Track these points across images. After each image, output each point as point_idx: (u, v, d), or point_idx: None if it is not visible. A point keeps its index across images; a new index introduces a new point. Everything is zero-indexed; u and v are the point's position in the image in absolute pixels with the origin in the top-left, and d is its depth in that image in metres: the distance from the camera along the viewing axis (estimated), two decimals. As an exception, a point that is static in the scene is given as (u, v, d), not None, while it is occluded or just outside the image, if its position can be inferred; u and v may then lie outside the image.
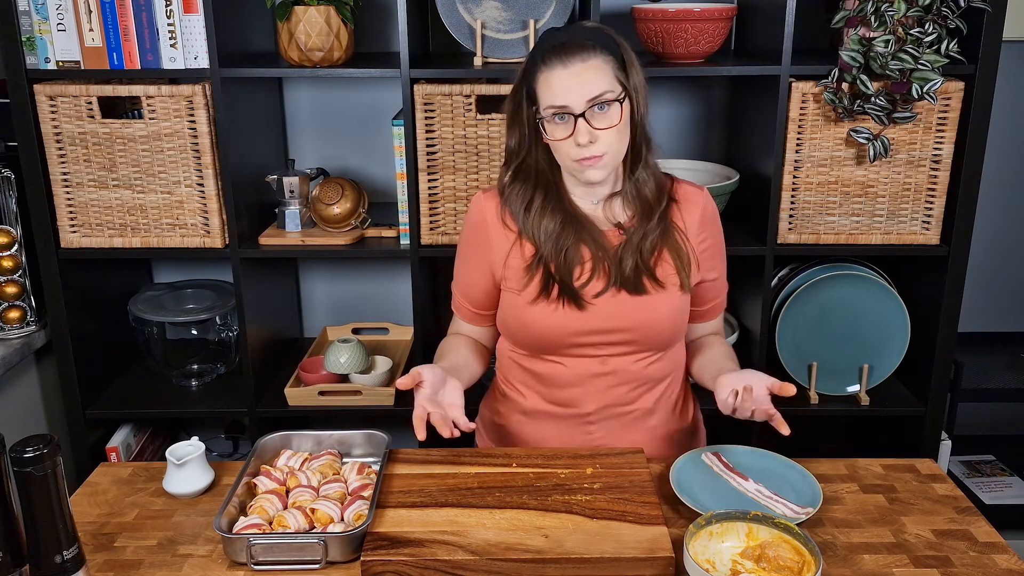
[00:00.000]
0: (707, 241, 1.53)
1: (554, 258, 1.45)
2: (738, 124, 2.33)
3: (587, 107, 1.36)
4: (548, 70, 1.38)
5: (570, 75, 1.36)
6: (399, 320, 2.54)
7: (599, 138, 1.37)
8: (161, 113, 1.97)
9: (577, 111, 1.36)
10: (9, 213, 2.08)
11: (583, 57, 1.36)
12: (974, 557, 1.25)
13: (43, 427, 2.22)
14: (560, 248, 1.45)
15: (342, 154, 2.42)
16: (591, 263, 1.45)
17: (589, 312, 1.45)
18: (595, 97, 1.36)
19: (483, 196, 1.54)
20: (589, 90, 1.36)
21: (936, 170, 1.99)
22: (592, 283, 1.45)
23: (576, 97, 1.36)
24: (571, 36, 1.39)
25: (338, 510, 1.28)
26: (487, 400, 1.69)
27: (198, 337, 2.26)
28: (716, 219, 1.56)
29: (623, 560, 1.17)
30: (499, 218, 1.51)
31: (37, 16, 1.92)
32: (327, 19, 1.95)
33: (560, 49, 1.37)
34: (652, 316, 1.47)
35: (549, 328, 1.47)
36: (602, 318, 1.46)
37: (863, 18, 1.85)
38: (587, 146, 1.37)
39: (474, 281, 1.56)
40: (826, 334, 2.13)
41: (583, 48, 1.37)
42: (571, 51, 1.37)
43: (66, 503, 1.01)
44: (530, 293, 1.47)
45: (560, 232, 1.45)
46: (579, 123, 1.36)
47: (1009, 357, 2.48)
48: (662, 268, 1.47)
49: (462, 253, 1.59)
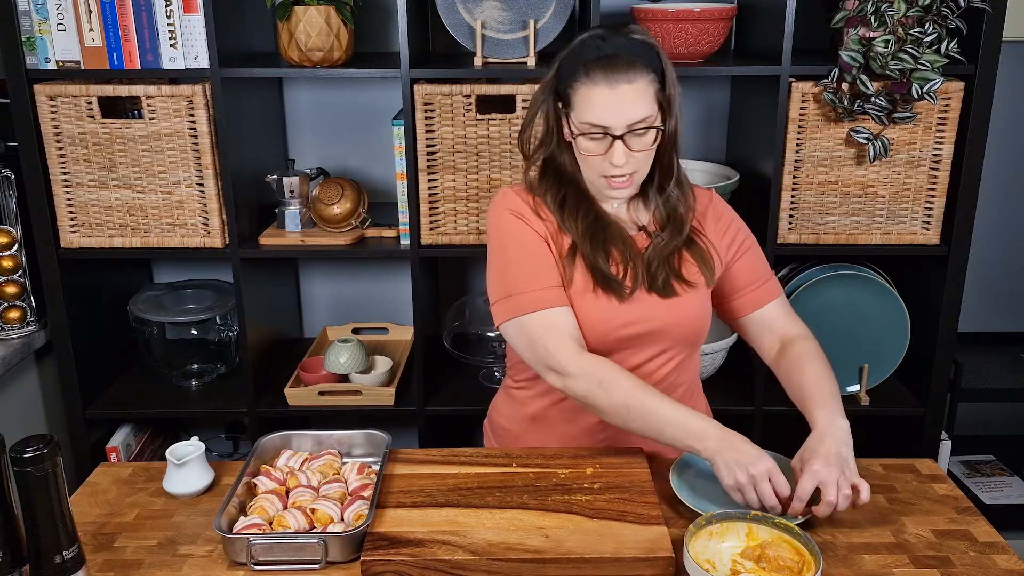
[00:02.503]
0: (728, 232, 1.54)
1: (590, 254, 1.43)
2: (738, 124, 2.33)
3: (626, 131, 1.34)
4: (592, 84, 1.33)
5: (615, 96, 1.32)
6: (399, 320, 2.54)
7: (632, 159, 1.36)
8: (161, 113, 1.97)
9: (617, 133, 1.34)
10: (9, 213, 2.08)
11: (629, 78, 1.32)
12: (974, 557, 1.25)
13: (43, 427, 2.22)
14: (596, 244, 1.42)
15: (342, 154, 2.42)
16: (622, 264, 1.44)
17: (630, 305, 1.43)
18: (636, 123, 1.34)
19: (511, 190, 1.49)
20: (632, 114, 1.33)
21: (936, 170, 1.99)
22: (625, 281, 1.44)
23: (618, 120, 1.33)
24: (618, 49, 1.34)
25: (338, 510, 1.28)
26: (496, 402, 1.69)
27: (198, 337, 2.26)
28: (726, 209, 1.57)
29: (623, 560, 1.17)
30: (533, 210, 1.46)
31: (37, 16, 1.92)
32: (327, 19, 1.95)
33: (607, 64, 1.33)
34: (684, 314, 1.47)
35: (595, 321, 1.43)
36: (640, 313, 1.44)
37: (863, 18, 1.85)
38: (621, 167, 1.36)
39: (545, 255, 1.42)
40: (826, 334, 2.11)
41: (630, 67, 1.33)
42: (618, 69, 1.32)
43: (66, 503, 1.01)
44: (578, 284, 1.42)
45: (594, 231, 1.44)
46: (616, 145, 1.34)
47: (1009, 357, 2.48)
48: (687, 268, 1.48)
49: (518, 240, 1.43)
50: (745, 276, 1.55)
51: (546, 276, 1.41)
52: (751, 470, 1.26)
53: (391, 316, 2.56)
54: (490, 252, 1.48)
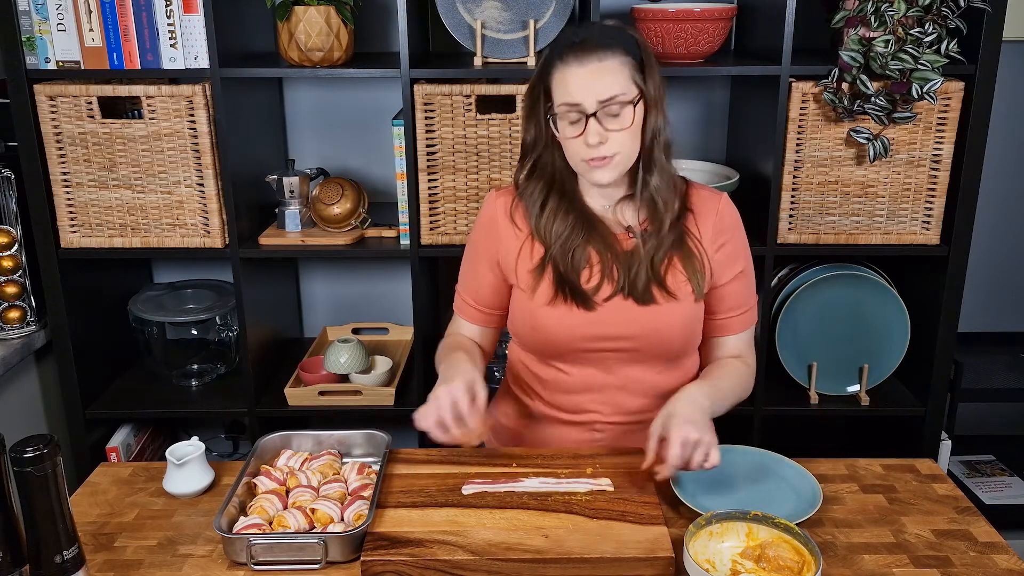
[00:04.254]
0: (725, 247, 1.48)
1: (562, 260, 1.43)
2: (738, 124, 2.33)
3: (599, 107, 1.34)
4: (564, 67, 1.36)
5: (585, 73, 1.34)
6: (399, 320, 2.54)
7: (609, 139, 1.36)
8: (161, 113, 1.97)
9: (589, 110, 1.34)
10: (9, 213, 2.08)
11: (600, 56, 1.34)
12: (974, 557, 1.25)
13: (43, 427, 2.22)
14: (568, 249, 1.43)
15: (342, 154, 2.42)
16: (599, 267, 1.44)
17: (598, 315, 1.43)
18: (608, 99, 1.34)
19: (496, 194, 1.53)
20: (603, 90, 1.34)
21: (936, 170, 1.99)
22: (601, 288, 1.44)
23: (589, 96, 1.34)
24: (590, 34, 1.37)
25: (338, 510, 1.28)
26: (496, 402, 1.69)
27: (198, 337, 2.26)
28: (735, 224, 1.51)
29: (623, 560, 1.17)
30: (509, 216, 1.49)
31: (37, 16, 1.92)
32: (327, 19, 1.95)
33: (578, 47, 1.35)
34: (660, 325, 1.44)
35: (557, 332, 1.45)
36: (610, 324, 1.44)
37: (863, 18, 1.85)
38: (597, 147, 1.35)
39: (483, 277, 1.54)
40: (826, 334, 2.13)
41: (601, 47, 1.35)
42: (589, 49, 1.34)
43: (66, 503, 1.01)
44: (541, 296, 1.45)
45: (570, 234, 1.44)
46: (590, 123, 1.35)
47: (1009, 357, 2.48)
48: (673, 276, 1.44)
49: (471, 251, 1.57)
50: (729, 302, 1.51)
51: (476, 290, 1.56)
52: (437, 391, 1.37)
53: (391, 316, 2.56)
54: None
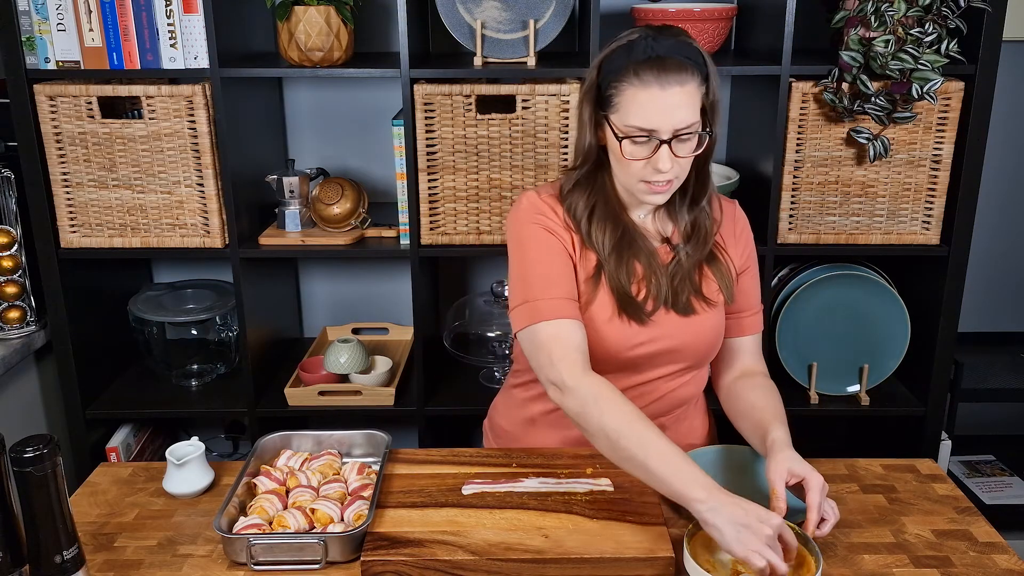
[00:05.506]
0: (743, 252, 1.52)
1: (616, 272, 1.40)
2: (738, 124, 2.33)
3: (672, 136, 1.29)
4: (641, 85, 1.28)
5: (666, 98, 1.27)
6: (399, 320, 2.54)
7: (676, 165, 1.32)
8: (161, 113, 1.97)
9: (664, 137, 1.29)
10: (9, 213, 2.08)
11: (681, 80, 1.27)
12: (974, 557, 1.25)
13: (43, 427, 2.22)
14: (620, 261, 1.40)
15: (342, 154, 2.42)
16: (644, 280, 1.42)
17: (648, 328, 1.41)
18: (684, 128, 1.29)
19: (537, 194, 1.45)
20: (682, 119, 1.28)
21: (936, 170, 1.99)
22: (647, 300, 1.42)
23: (666, 123, 1.28)
24: (671, 50, 1.28)
25: (338, 510, 1.28)
26: (496, 402, 1.69)
27: (198, 337, 2.26)
28: (748, 230, 1.55)
29: (623, 560, 1.17)
30: (560, 217, 1.43)
31: (37, 16, 1.92)
32: (327, 19, 1.95)
33: (658, 65, 1.27)
34: (701, 333, 1.45)
35: (617, 346, 1.41)
36: (660, 336, 1.43)
37: (863, 18, 1.85)
38: (665, 172, 1.31)
39: (567, 266, 1.41)
40: (826, 334, 2.13)
41: (682, 69, 1.27)
42: (670, 70, 1.27)
43: (66, 503, 1.01)
44: (601, 310, 1.40)
45: (619, 245, 1.41)
46: (663, 149, 1.29)
47: (1009, 357, 2.48)
48: (707, 285, 1.46)
49: (537, 246, 1.41)
50: (740, 301, 1.52)
51: (562, 287, 1.38)
52: (766, 530, 1.12)
53: (391, 316, 2.56)
54: (512, 258, 1.44)
